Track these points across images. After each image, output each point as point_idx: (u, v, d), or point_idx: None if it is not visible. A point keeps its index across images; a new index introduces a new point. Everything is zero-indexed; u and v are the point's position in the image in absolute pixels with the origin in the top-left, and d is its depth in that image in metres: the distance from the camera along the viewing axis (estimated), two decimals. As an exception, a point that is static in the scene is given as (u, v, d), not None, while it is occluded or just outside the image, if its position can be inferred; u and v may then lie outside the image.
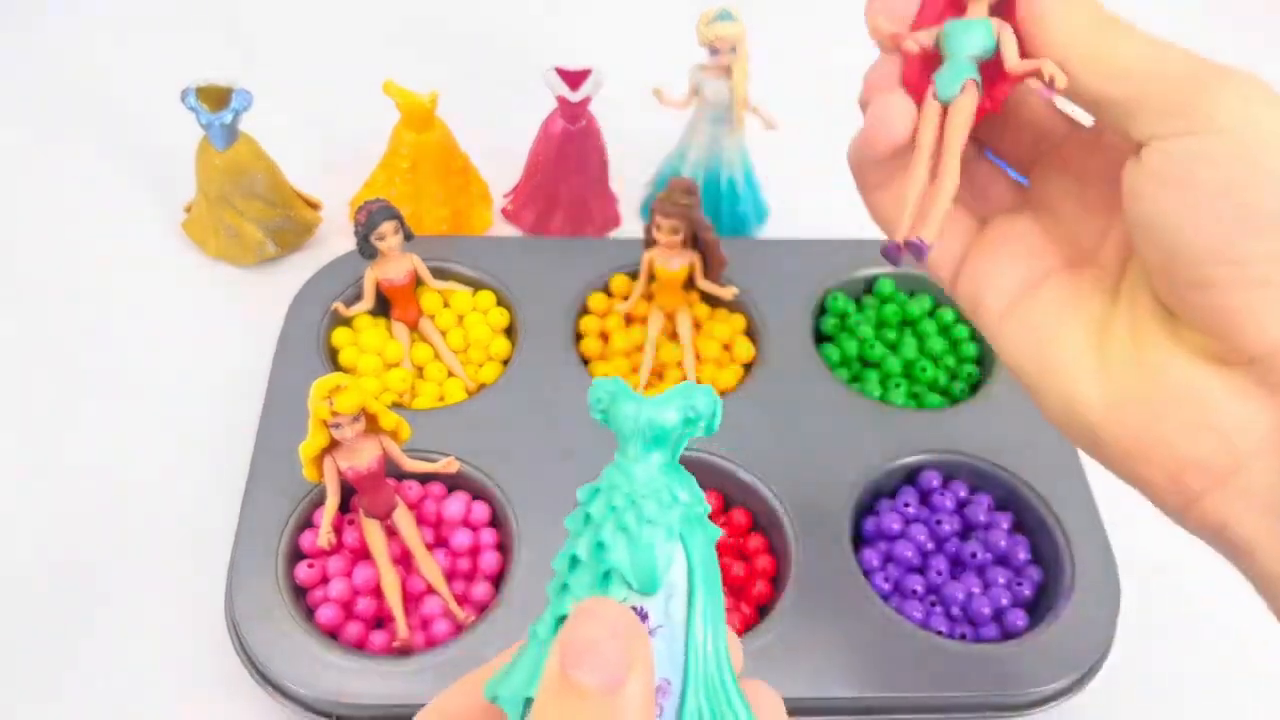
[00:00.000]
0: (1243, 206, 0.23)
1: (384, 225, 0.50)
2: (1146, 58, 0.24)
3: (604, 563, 0.20)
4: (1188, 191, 0.23)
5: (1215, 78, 0.23)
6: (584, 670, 0.18)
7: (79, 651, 0.44)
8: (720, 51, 0.55)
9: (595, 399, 0.21)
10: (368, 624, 0.44)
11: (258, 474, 0.46)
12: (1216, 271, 0.23)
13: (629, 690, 0.18)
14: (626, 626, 0.18)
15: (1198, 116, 0.23)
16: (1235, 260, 0.23)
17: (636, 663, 0.18)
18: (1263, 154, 0.23)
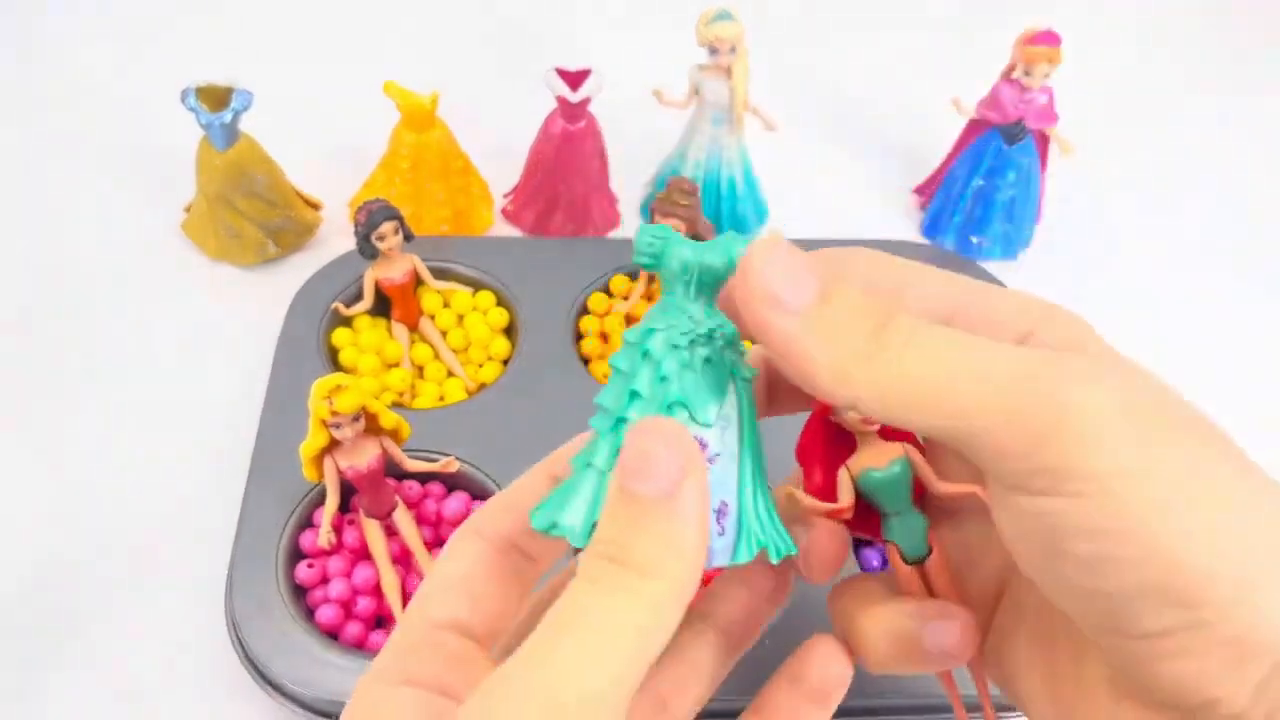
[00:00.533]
0: (1122, 586, 0.18)
1: (384, 225, 0.50)
2: (954, 379, 0.19)
3: (668, 396, 0.21)
4: (1057, 562, 0.19)
5: (1056, 411, 0.18)
6: (640, 480, 0.18)
7: (78, 651, 0.44)
8: (720, 52, 0.55)
9: (645, 243, 0.22)
10: (368, 624, 0.44)
11: (258, 474, 0.46)
12: (1116, 642, 0.19)
13: (684, 496, 0.18)
14: (678, 439, 0.19)
15: (1046, 472, 0.18)
16: (1131, 636, 0.19)
17: (690, 472, 0.19)
18: (1137, 519, 0.18)
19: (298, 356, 0.51)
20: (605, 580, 0.19)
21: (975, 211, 0.62)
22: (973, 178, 0.61)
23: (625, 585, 0.18)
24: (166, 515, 0.49)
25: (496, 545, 0.23)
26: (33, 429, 0.52)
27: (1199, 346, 0.59)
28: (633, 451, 0.19)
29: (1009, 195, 0.61)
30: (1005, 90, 0.58)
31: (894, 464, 0.24)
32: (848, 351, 0.19)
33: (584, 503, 0.21)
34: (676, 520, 0.19)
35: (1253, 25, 0.84)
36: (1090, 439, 0.18)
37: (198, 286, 0.59)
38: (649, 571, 0.18)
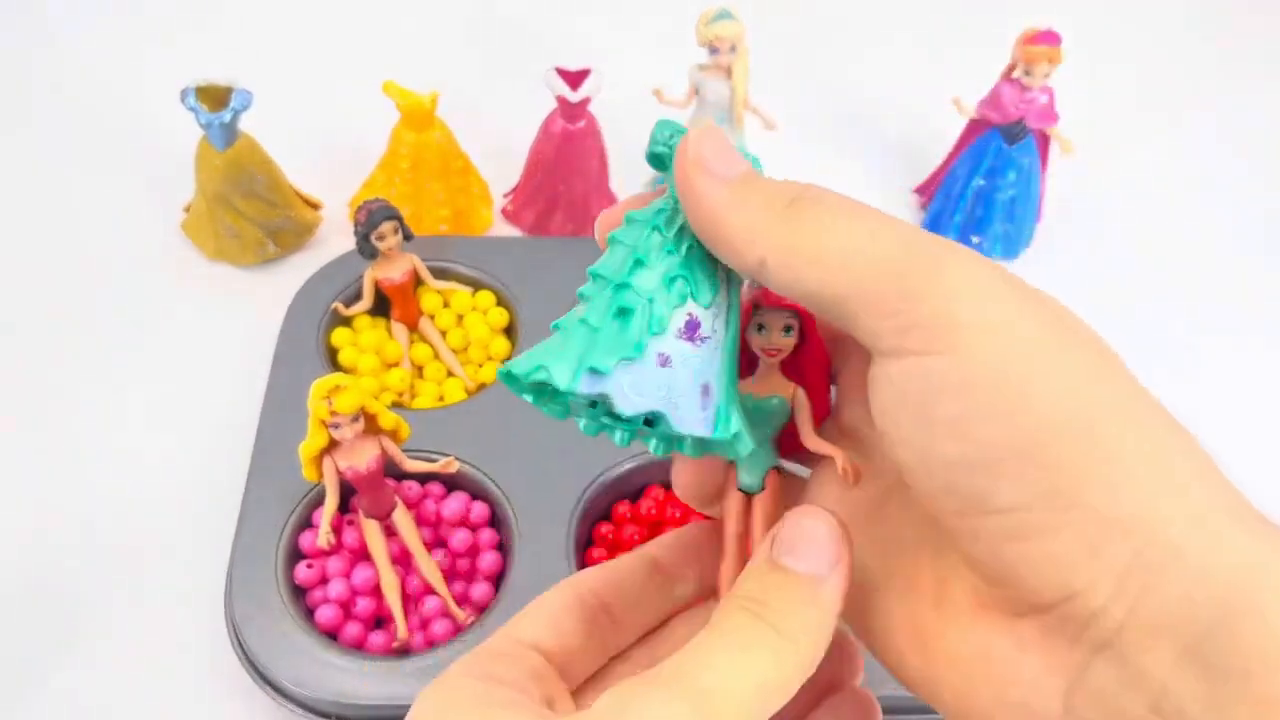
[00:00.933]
0: (987, 446, 0.18)
1: (384, 225, 0.50)
2: (849, 238, 0.20)
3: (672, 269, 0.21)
4: (926, 428, 0.19)
5: (933, 269, 0.19)
6: (795, 557, 0.20)
7: (78, 651, 0.44)
8: (720, 51, 0.55)
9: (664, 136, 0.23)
10: (367, 624, 0.44)
11: (257, 474, 0.46)
12: (975, 522, 0.19)
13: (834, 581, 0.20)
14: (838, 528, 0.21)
15: (920, 328, 0.19)
16: (990, 510, 0.18)
17: (844, 560, 0.21)
18: (1001, 374, 0.18)
19: (297, 356, 0.51)
20: (746, 632, 0.20)
21: (976, 211, 0.62)
22: (973, 177, 0.61)
23: (764, 641, 0.19)
24: (166, 515, 0.49)
25: (588, 601, 0.24)
26: (32, 428, 0.52)
27: (1199, 346, 0.59)
28: (792, 527, 0.21)
29: (1009, 195, 0.61)
30: (1006, 90, 0.58)
31: (772, 398, 0.24)
32: (761, 215, 0.20)
33: (574, 354, 0.21)
34: (824, 600, 0.20)
35: (1255, 25, 0.84)
36: (964, 295, 0.19)
37: (197, 286, 0.59)
38: (792, 636, 0.20)
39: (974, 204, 0.62)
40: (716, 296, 0.22)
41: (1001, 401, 0.18)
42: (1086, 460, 0.18)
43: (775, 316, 0.24)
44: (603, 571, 0.25)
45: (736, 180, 0.21)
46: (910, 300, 0.19)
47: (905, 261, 0.19)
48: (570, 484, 0.47)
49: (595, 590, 0.24)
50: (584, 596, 0.24)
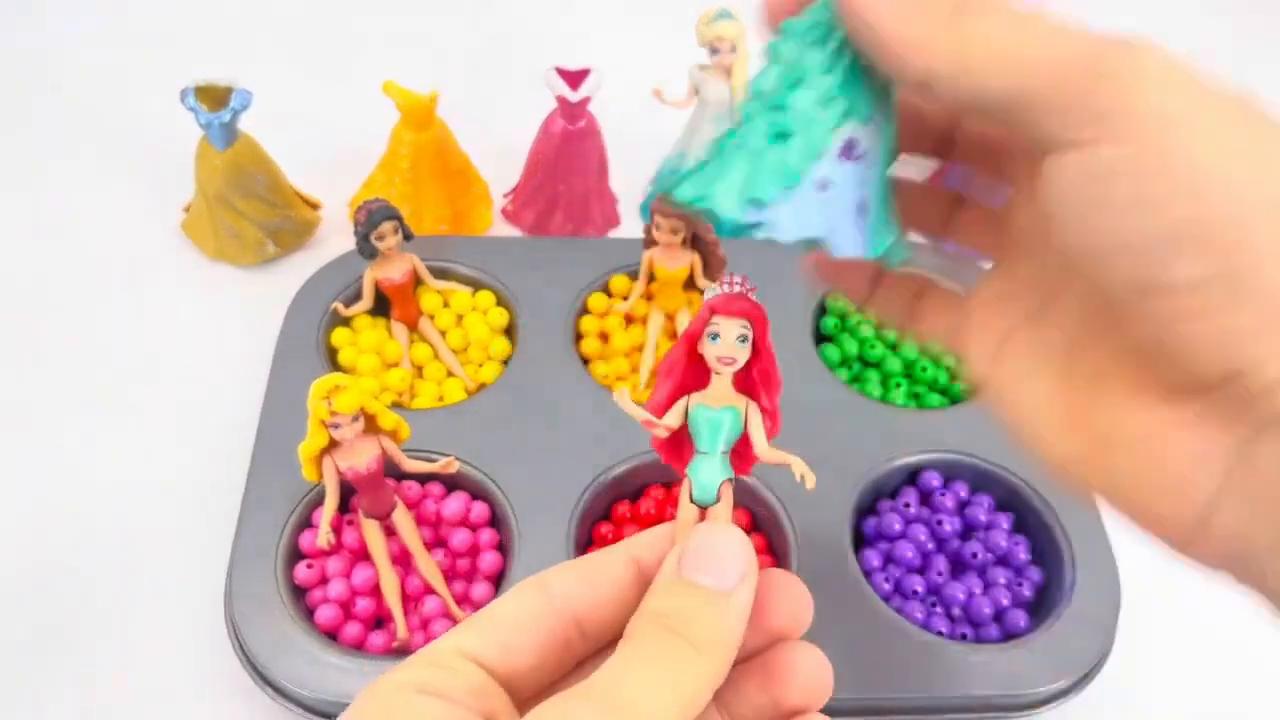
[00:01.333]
0: (1163, 225, 0.19)
1: (384, 225, 0.50)
2: (1025, 42, 0.20)
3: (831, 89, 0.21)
4: (1099, 212, 0.20)
5: (1114, 62, 0.19)
6: (704, 574, 0.22)
7: (78, 651, 0.44)
8: (720, 51, 0.55)
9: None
10: (367, 624, 0.44)
11: (257, 474, 0.46)
12: (1147, 304, 0.20)
13: (740, 594, 0.22)
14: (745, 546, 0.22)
15: (1099, 118, 0.19)
16: (1164, 290, 0.19)
17: (749, 577, 0.22)
18: (1180, 153, 0.18)
19: (297, 356, 0.51)
20: (661, 647, 0.21)
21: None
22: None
23: (680, 657, 0.20)
24: (166, 515, 0.49)
25: (556, 608, 0.23)
26: (32, 428, 0.52)
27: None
28: (698, 544, 0.22)
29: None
30: None
31: (725, 410, 0.24)
32: (927, 23, 0.20)
33: (737, 183, 0.22)
34: (733, 612, 0.21)
35: (1260, 22, 0.84)
36: (1141, 84, 0.19)
37: (197, 286, 0.59)
38: (702, 649, 0.21)
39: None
40: (875, 111, 0.22)
41: (1184, 183, 0.18)
42: (1265, 244, 0.18)
43: (730, 325, 0.24)
44: (580, 580, 0.23)
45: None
46: (1089, 92, 0.19)
47: (1083, 57, 0.19)
48: (570, 484, 0.47)
49: (569, 601, 0.23)
50: (553, 609, 0.23)
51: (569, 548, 0.45)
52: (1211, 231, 0.18)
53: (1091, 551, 0.45)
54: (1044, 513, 0.47)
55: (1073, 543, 0.46)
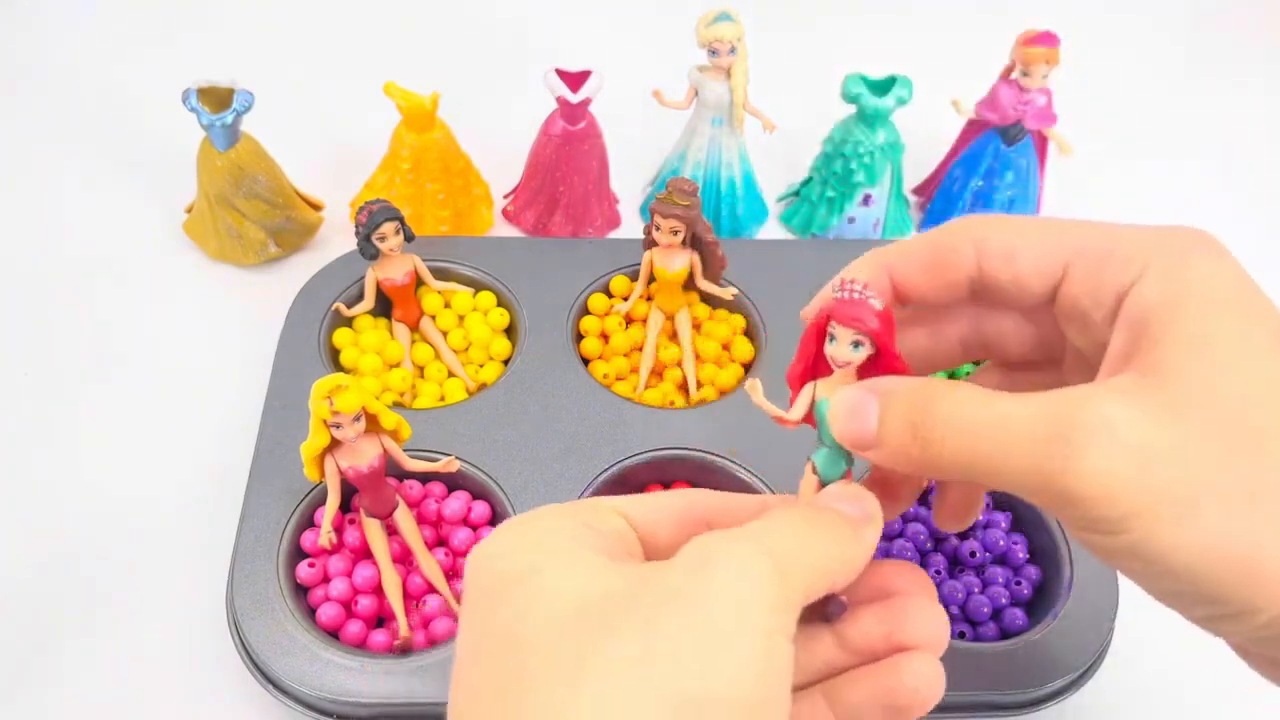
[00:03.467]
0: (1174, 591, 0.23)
1: (385, 226, 0.50)
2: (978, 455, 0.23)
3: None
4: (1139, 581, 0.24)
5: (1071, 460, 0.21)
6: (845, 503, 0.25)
7: (80, 649, 0.45)
8: (720, 53, 0.55)
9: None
10: (368, 623, 0.44)
11: (259, 473, 0.46)
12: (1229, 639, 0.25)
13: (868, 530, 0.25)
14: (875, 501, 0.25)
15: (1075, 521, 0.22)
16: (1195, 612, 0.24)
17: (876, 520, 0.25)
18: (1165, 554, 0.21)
19: (299, 357, 0.51)
20: (813, 513, 0.24)
21: (975, 212, 0.62)
22: (971, 178, 0.61)
23: (828, 522, 0.24)
24: (168, 515, 0.49)
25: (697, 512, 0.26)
26: (34, 429, 0.52)
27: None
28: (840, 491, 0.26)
29: (1007, 196, 0.61)
30: (1004, 91, 0.58)
31: None
32: (907, 456, 0.24)
33: None
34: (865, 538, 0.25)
35: (1253, 24, 0.84)
36: (1102, 500, 0.21)
37: (199, 287, 0.59)
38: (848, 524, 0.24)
39: (972, 205, 0.62)
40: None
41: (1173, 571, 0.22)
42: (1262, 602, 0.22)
43: (844, 333, 0.25)
44: (722, 499, 0.26)
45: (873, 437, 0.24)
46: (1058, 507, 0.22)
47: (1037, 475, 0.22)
48: (571, 484, 0.47)
49: (709, 508, 0.26)
50: (693, 510, 0.26)
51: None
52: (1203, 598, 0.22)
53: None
54: (1041, 511, 0.47)
55: (1070, 541, 0.46)
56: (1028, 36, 0.57)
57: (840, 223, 0.62)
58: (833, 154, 0.60)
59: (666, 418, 0.50)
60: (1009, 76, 0.59)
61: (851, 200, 0.61)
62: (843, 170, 0.60)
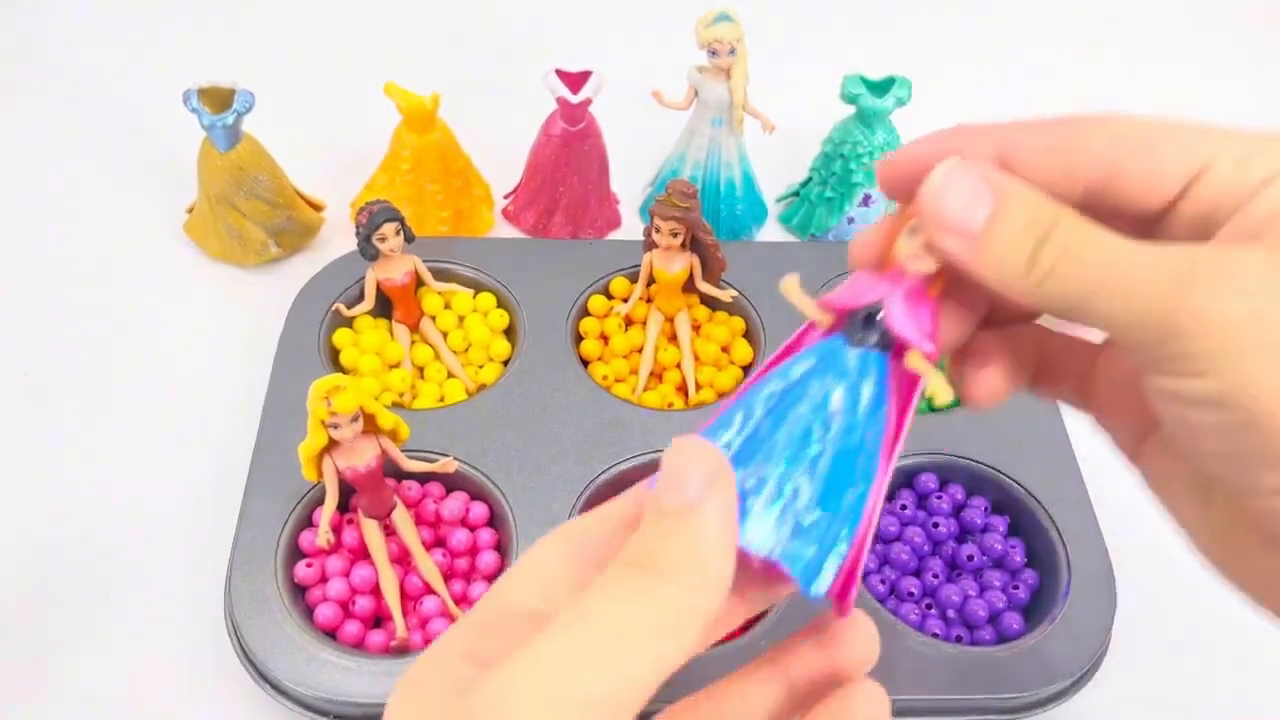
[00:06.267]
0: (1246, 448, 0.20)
1: (385, 226, 0.50)
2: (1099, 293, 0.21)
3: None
4: (1189, 432, 0.21)
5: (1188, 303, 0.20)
6: (668, 494, 0.20)
7: (78, 649, 0.45)
8: (719, 53, 0.55)
9: None
10: (366, 623, 0.44)
11: (257, 473, 0.46)
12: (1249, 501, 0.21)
13: (705, 506, 0.20)
14: (705, 454, 0.20)
15: (1174, 356, 0.20)
16: (1259, 494, 0.21)
17: (714, 483, 0.20)
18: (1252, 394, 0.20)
19: (299, 357, 0.51)
20: (625, 582, 0.20)
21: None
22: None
23: (644, 588, 0.19)
24: (166, 515, 0.49)
25: (583, 556, 0.23)
26: (34, 428, 0.52)
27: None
28: (665, 469, 0.20)
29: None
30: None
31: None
32: (1010, 270, 0.22)
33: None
34: (696, 527, 0.20)
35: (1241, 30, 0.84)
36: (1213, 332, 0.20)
37: (199, 287, 0.59)
38: (668, 575, 0.19)
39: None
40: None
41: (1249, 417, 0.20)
42: None
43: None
44: (598, 522, 0.23)
45: (982, 232, 0.22)
46: (1164, 340, 0.20)
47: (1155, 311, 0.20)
48: (569, 484, 0.47)
49: (591, 543, 0.23)
50: (579, 551, 0.23)
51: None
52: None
53: (1087, 555, 0.45)
54: (1040, 516, 0.47)
55: (1068, 546, 0.46)
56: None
57: (840, 223, 0.62)
58: (832, 154, 0.60)
59: (665, 420, 0.50)
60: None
61: (851, 201, 0.61)
62: (842, 171, 0.60)
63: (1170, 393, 0.21)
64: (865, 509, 0.23)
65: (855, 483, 0.22)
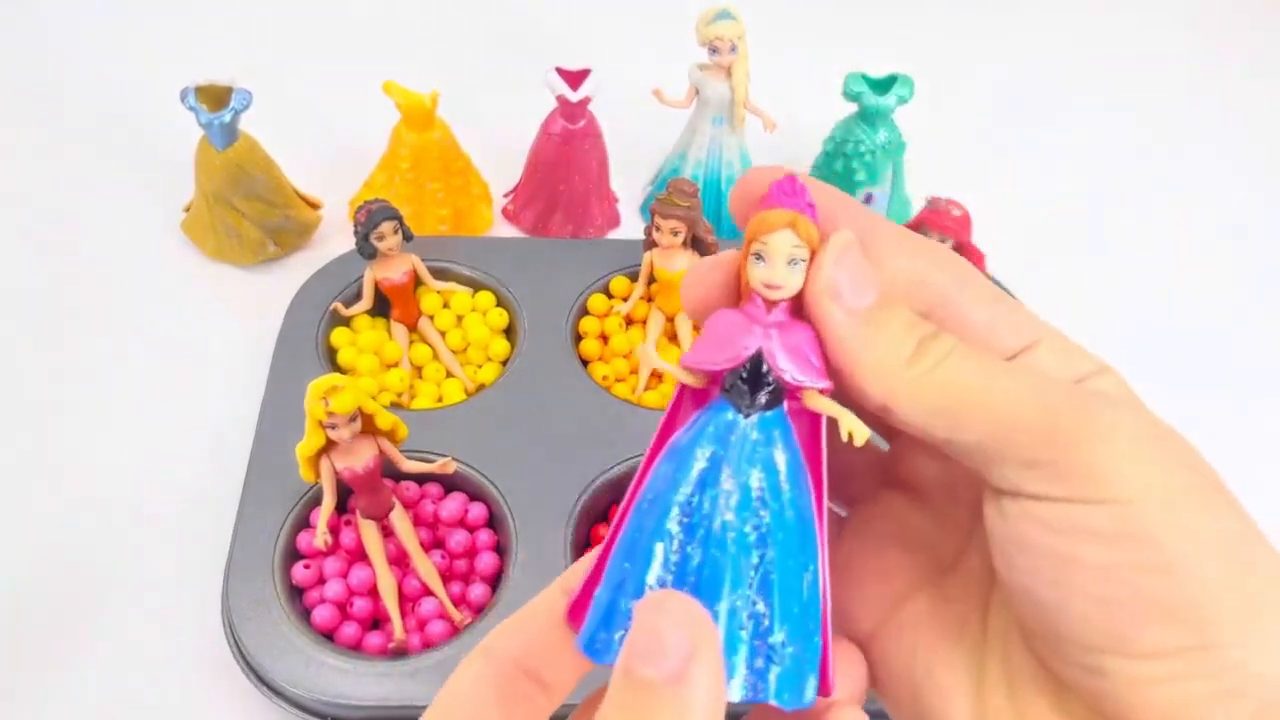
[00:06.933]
0: (1137, 596, 0.18)
1: (384, 225, 0.50)
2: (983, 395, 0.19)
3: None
4: (1065, 570, 0.19)
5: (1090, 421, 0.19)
6: (646, 663, 0.17)
7: (76, 650, 0.44)
8: (720, 51, 0.55)
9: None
10: (364, 625, 0.44)
11: (255, 474, 0.46)
12: (1108, 661, 0.19)
13: (692, 679, 0.17)
14: (689, 615, 0.18)
15: (1072, 478, 0.19)
16: (1130, 654, 0.19)
17: (700, 650, 0.18)
18: (1157, 530, 0.18)
19: (297, 356, 0.51)
20: None
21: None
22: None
23: None
24: (163, 515, 0.49)
25: (505, 669, 0.21)
26: (30, 428, 0.52)
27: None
28: (637, 628, 0.18)
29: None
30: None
31: None
32: (893, 353, 0.20)
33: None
34: (684, 703, 0.17)
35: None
36: (1120, 453, 0.19)
37: (197, 286, 0.59)
38: None
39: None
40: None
41: (1157, 559, 0.18)
42: (1233, 621, 0.18)
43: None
44: (516, 626, 0.21)
45: (866, 312, 0.20)
46: (1064, 452, 0.19)
47: (1057, 415, 0.19)
48: (568, 485, 0.46)
49: (513, 655, 0.21)
50: (503, 667, 0.21)
51: (567, 549, 0.45)
52: (1184, 607, 0.18)
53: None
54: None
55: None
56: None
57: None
58: (834, 153, 0.60)
59: (665, 419, 0.50)
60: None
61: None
62: (844, 169, 0.60)
63: (1047, 522, 0.19)
64: (821, 586, 0.20)
65: (806, 565, 0.20)
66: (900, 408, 0.20)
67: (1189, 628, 0.18)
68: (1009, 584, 0.20)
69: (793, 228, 0.20)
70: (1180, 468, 0.19)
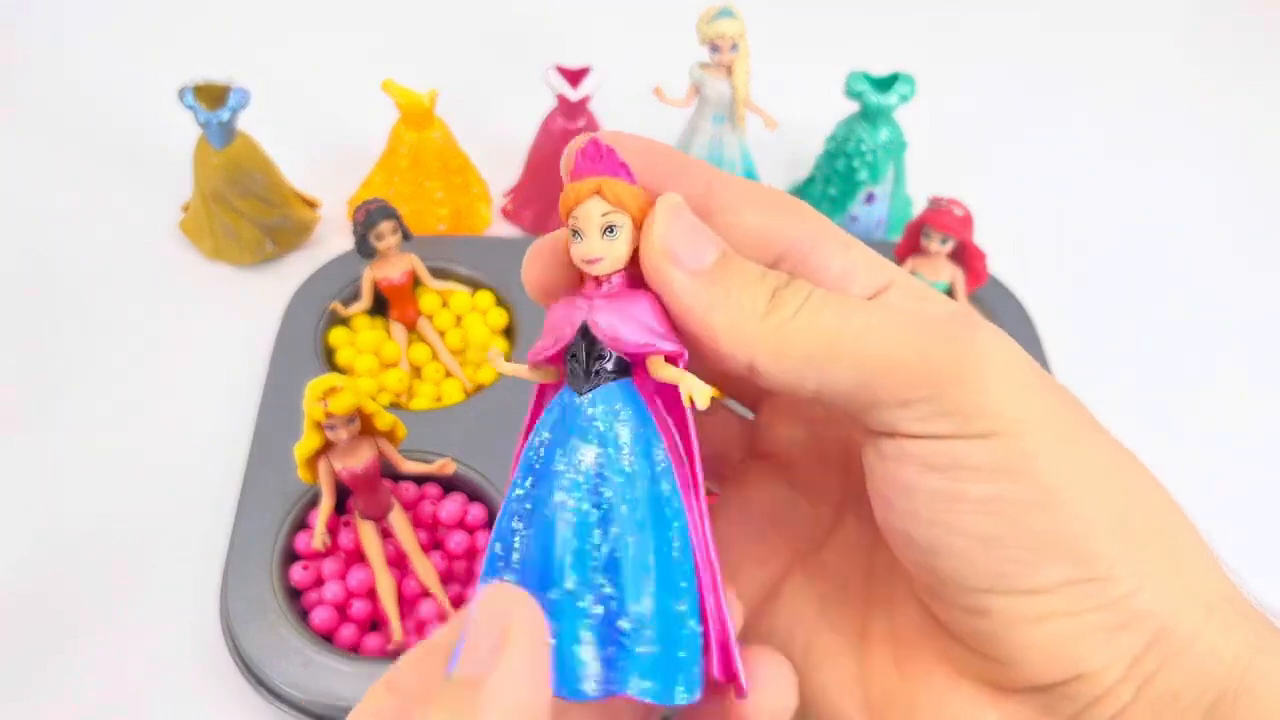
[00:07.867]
0: (1020, 530, 0.18)
1: (382, 224, 0.50)
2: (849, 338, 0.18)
3: None
4: (946, 508, 0.18)
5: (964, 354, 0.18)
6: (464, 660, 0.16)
7: (73, 651, 0.44)
8: (721, 49, 0.55)
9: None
10: (362, 626, 0.44)
11: (253, 474, 0.46)
12: (991, 601, 0.18)
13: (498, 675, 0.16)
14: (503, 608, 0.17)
15: (950, 414, 0.18)
16: (1013, 590, 0.18)
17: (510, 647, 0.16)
18: (1040, 463, 0.18)
19: (295, 356, 0.51)
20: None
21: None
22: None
23: None
24: (161, 516, 0.48)
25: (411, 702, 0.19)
26: (28, 428, 0.52)
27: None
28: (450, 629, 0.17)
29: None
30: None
31: None
32: (747, 308, 0.19)
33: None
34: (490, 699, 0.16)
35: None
36: (999, 383, 0.18)
37: (195, 286, 0.59)
38: None
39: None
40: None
41: (1037, 493, 0.18)
42: (1119, 554, 0.18)
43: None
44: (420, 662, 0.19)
45: (709, 271, 0.19)
46: (941, 388, 0.18)
47: (930, 348, 0.18)
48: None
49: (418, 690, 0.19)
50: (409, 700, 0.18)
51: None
52: (1071, 541, 0.18)
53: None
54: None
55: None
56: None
57: (843, 221, 0.61)
58: (835, 152, 0.60)
59: (666, 419, 0.49)
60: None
61: (854, 198, 0.60)
62: (845, 168, 0.59)
63: (926, 460, 0.18)
64: (696, 563, 0.19)
65: (664, 543, 0.19)
66: (765, 364, 0.19)
67: (1074, 562, 0.18)
68: (889, 529, 0.20)
69: (599, 194, 0.19)
70: (1056, 400, 0.19)
